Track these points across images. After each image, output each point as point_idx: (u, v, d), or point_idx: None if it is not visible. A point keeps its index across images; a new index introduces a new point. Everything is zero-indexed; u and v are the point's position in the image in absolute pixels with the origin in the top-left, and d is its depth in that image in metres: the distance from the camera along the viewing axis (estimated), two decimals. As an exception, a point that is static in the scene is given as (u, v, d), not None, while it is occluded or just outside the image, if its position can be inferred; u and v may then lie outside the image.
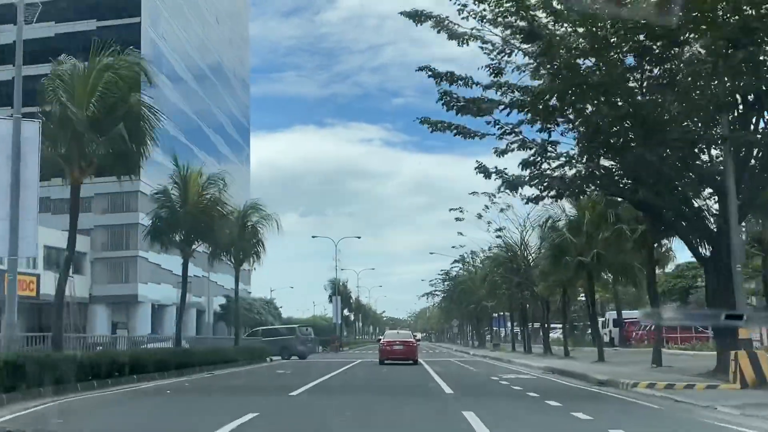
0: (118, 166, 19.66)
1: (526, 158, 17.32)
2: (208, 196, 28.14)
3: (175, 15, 71.69)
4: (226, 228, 29.57)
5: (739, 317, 12.78)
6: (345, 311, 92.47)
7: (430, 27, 16.69)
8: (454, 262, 68.48)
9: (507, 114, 17.72)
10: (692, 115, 16.86)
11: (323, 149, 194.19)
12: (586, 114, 17.27)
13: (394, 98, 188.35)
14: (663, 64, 17.12)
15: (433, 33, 16.95)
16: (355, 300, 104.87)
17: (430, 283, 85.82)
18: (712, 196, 18.55)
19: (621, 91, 16.62)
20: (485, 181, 17.86)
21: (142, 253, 59.38)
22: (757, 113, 17.95)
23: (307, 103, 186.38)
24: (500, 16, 16.39)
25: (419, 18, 16.74)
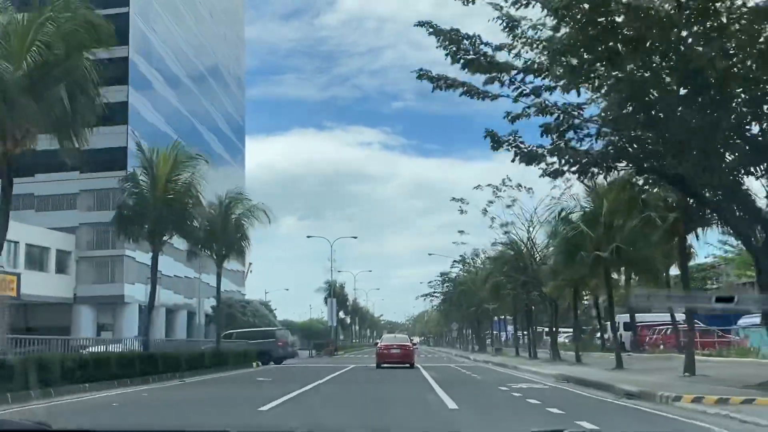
0: (60, 133, 16.55)
1: (548, 123, 14.35)
2: (180, 182, 24.80)
3: (166, 7, 69.04)
4: (204, 219, 26.43)
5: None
6: (341, 314, 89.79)
7: None
8: (454, 263, 65.92)
9: (521, 79, 15.09)
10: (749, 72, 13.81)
11: (322, 152, 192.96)
12: (620, 73, 14.26)
13: (394, 101, 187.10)
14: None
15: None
16: (352, 303, 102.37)
17: (429, 284, 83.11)
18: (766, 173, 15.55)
19: (662, 42, 13.66)
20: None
21: (129, 252, 56.51)
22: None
23: (307, 106, 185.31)
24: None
25: None
